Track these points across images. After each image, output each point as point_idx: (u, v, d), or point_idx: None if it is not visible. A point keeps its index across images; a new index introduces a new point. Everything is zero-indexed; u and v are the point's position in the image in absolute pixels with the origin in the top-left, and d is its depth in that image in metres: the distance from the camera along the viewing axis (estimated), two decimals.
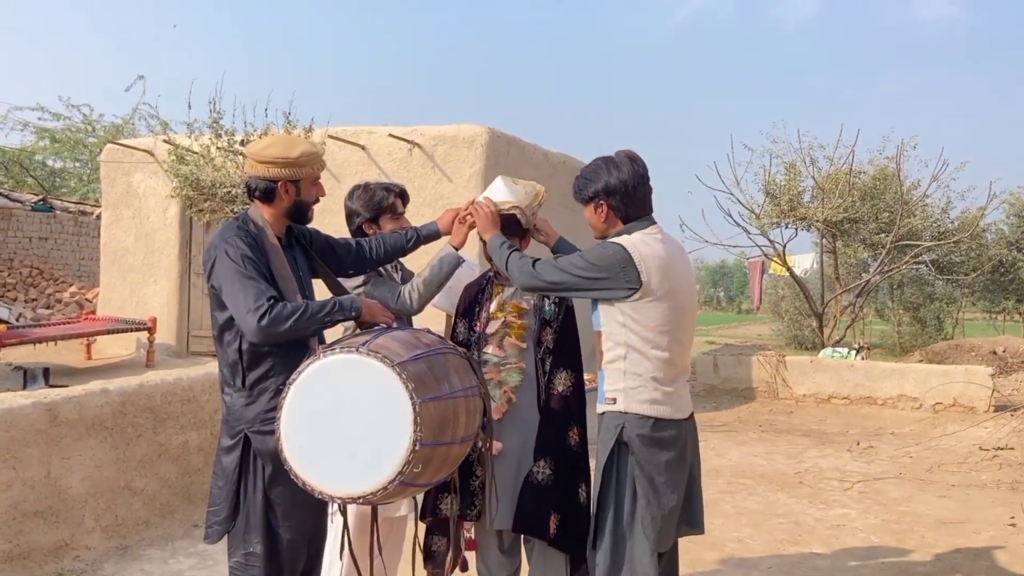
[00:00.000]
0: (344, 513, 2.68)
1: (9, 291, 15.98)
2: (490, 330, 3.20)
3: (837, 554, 4.76)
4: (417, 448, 2.28)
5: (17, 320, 14.19)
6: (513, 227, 3.16)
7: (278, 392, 2.54)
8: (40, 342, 11.23)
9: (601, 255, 2.78)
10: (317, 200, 2.86)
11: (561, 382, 3.17)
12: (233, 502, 2.65)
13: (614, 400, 2.81)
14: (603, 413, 2.87)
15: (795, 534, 5.10)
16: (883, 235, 14.64)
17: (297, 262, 2.83)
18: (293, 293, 2.68)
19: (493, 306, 3.23)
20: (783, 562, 4.61)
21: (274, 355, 2.63)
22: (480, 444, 2.79)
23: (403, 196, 3.46)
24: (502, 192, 3.18)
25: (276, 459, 2.55)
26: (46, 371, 10.02)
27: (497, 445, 3.11)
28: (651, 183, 2.91)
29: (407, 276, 3.48)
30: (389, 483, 2.28)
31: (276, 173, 2.70)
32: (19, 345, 10.83)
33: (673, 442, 2.80)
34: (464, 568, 3.24)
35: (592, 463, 3.35)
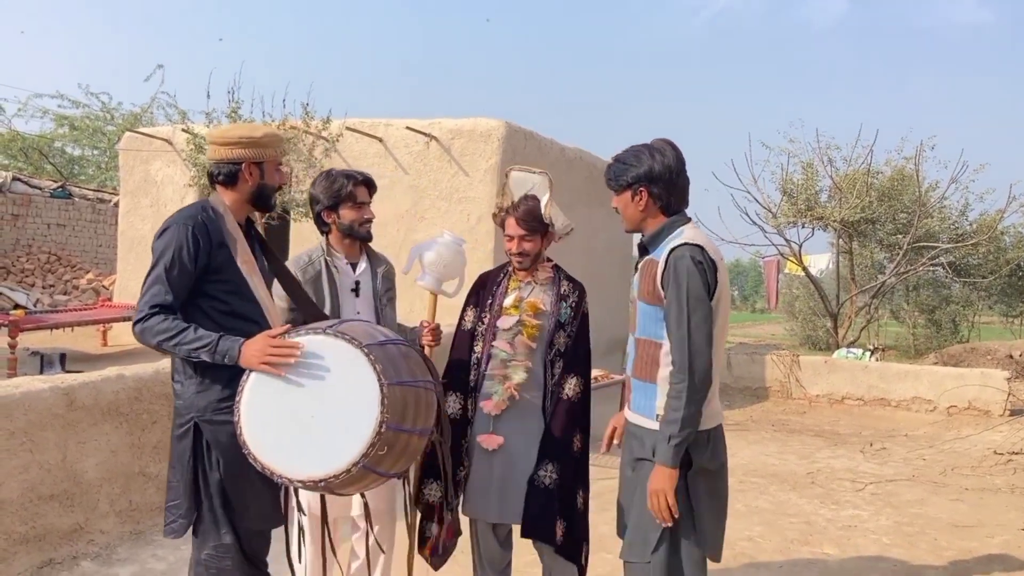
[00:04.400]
0: (297, 496, 2.65)
1: (27, 277, 16.10)
2: (503, 325, 3.17)
3: (848, 555, 4.74)
4: (383, 430, 2.26)
5: (35, 306, 14.31)
6: (537, 224, 3.14)
7: (230, 381, 2.50)
8: (57, 328, 11.33)
9: (699, 284, 2.51)
10: (280, 187, 2.82)
11: (570, 388, 3.14)
12: (192, 493, 2.59)
13: None
14: (649, 429, 2.66)
15: (806, 534, 5.08)
16: (900, 236, 14.56)
17: (255, 253, 2.77)
18: (255, 275, 2.66)
19: (508, 301, 3.19)
20: (794, 562, 4.60)
21: None
22: (437, 441, 2.74)
23: (368, 184, 3.26)
24: (521, 184, 3.18)
25: (228, 451, 2.52)
26: (62, 356, 10.11)
27: (497, 439, 3.12)
28: (688, 176, 2.74)
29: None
30: (352, 465, 2.25)
31: (240, 154, 2.67)
32: (36, 330, 10.93)
33: (721, 446, 2.72)
34: (445, 552, 3.26)
35: (592, 469, 3.34)
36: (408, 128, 9.87)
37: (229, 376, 2.53)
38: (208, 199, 2.73)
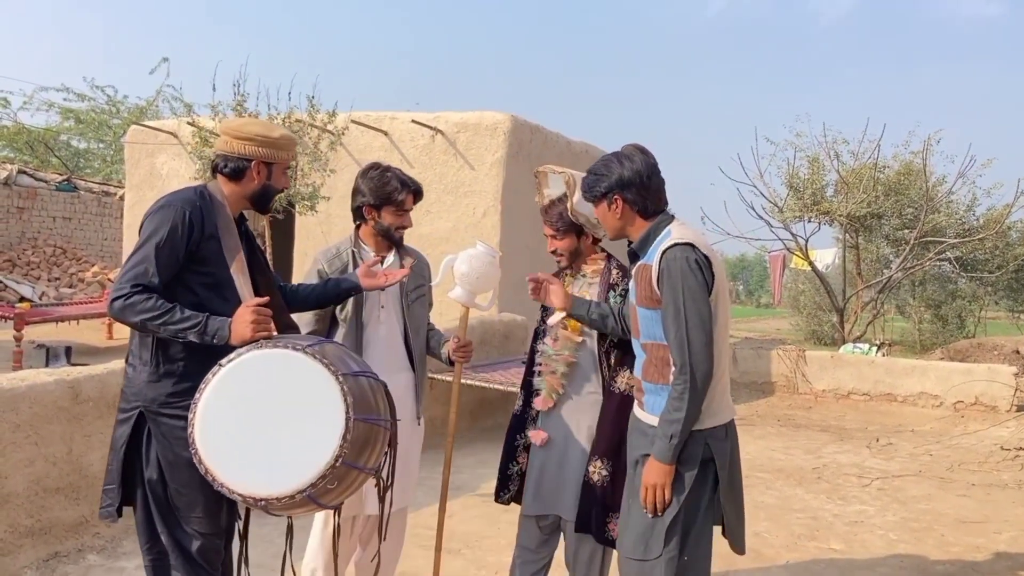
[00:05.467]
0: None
1: (33, 270, 16.14)
2: (550, 322, 3.21)
3: (855, 551, 4.72)
4: (338, 463, 2.20)
5: (40, 299, 14.35)
6: (565, 224, 3.10)
7: (184, 377, 2.46)
8: (62, 321, 11.37)
9: (694, 283, 2.52)
10: (282, 190, 2.77)
11: (623, 381, 3.07)
12: (121, 480, 2.52)
13: None
14: None
15: (813, 529, 5.07)
16: (906, 231, 14.53)
17: (242, 250, 2.69)
18: (242, 274, 2.60)
19: None
20: (800, 557, 4.58)
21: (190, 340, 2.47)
22: (380, 481, 2.62)
23: (417, 194, 3.23)
24: (552, 183, 3.15)
25: (170, 449, 2.46)
26: (68, 349, 10.13)
27: (542, 435, 3.15)
28: (663, 175, 2.76)
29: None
30: (298, 493, 2.19)
31: (252, 151, 2.60)
32: (42, 323, 10.97)
33: (736, 439, 2.74)
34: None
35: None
36: (414, 121, 9.85)
37: (183, 372, 2.48)
38: (206, 185, 2.64)
